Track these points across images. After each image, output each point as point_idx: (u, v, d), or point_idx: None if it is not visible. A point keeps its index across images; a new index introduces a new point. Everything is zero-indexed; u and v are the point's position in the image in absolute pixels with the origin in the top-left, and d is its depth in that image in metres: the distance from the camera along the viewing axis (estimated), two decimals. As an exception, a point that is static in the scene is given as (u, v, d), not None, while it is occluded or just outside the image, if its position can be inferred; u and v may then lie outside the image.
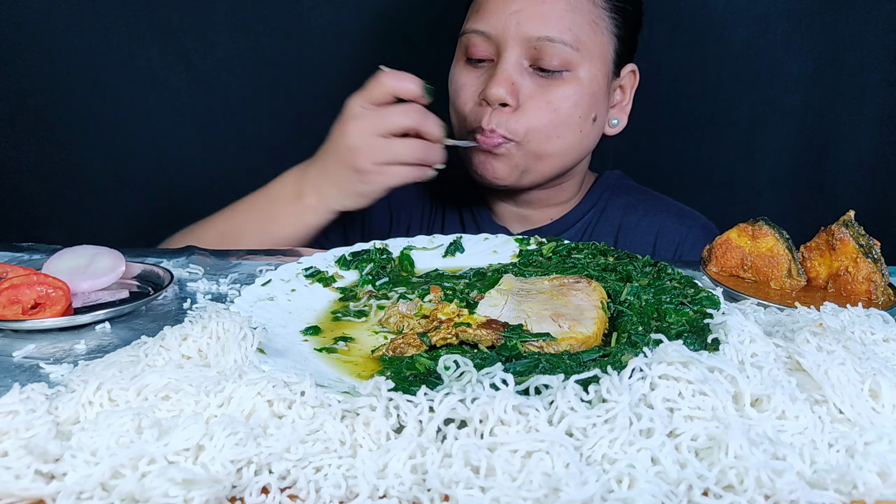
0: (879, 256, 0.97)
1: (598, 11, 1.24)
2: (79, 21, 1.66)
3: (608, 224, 1.38)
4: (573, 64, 1.22)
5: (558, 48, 1.20)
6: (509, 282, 0.93)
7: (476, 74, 1.26)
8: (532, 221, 1.39)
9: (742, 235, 1.02)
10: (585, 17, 1.22)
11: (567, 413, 0.60)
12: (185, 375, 0.66)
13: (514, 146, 1.24)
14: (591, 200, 1.40)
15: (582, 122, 1.26)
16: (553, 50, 1.20)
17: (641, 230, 1.37)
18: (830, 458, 0.60)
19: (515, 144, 1.23)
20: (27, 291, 0.90)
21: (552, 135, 1.24)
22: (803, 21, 1.66)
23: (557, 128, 1.24)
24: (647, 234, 1.37)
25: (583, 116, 1.25)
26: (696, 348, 0.75)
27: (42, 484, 0.56)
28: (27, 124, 1.72)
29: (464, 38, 1.27)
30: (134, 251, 1.12)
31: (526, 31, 1.20)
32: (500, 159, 1.25)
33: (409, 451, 0.58)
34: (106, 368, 0.70)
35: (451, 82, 1.31)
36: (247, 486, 0.57)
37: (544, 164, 1.27)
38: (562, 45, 1.20)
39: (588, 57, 1.23)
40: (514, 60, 1.21)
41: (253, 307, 0.89)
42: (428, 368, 0.74)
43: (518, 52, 1.21)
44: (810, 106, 1.71)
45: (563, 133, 1.25)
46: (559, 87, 1.22)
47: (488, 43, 1.24)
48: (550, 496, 0.53)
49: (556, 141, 1.25)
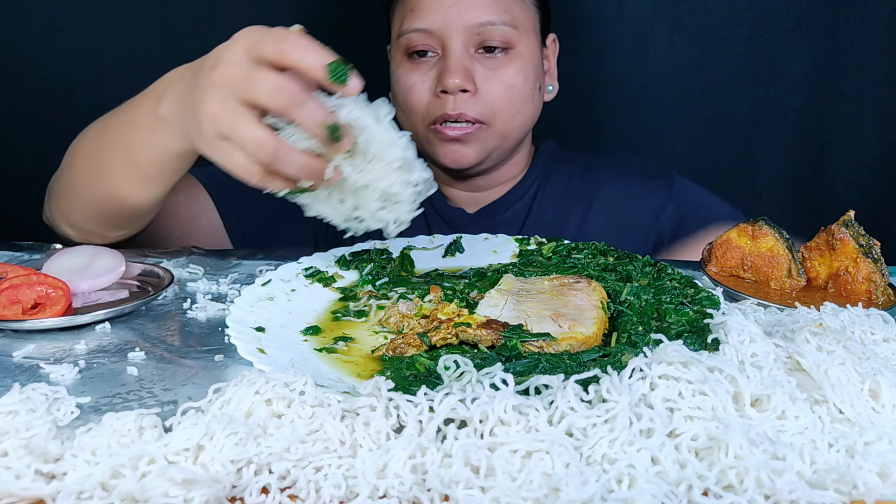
0: (879, 256, 0.97)
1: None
2: (79, 21, 1.66)
3: (554, 189, 1.42)
4: (514, 41, 1.27)
5: (500, 29, 1.26)
6: (509, 282, 0.93)
7: (422, 71, 1.28)
8: (485, 200, 1.42)
9: (742, 235, 1.02)
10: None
11: (567, 413, 0.60)
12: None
13: (484, 128, 1.27)
14: (535, 171, 1.43)
15: (532, 94, 1.32)
16: (495, 32, 1.25)
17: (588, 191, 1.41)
18: (830, 458, 0.60)
19: (485, 127, 1.27)
20: (27, 291, 0.90)
21: (513, 111, 1.29)
22: (803, 21, 1.67)
23: (517, 103, 1.29)
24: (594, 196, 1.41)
25: (532, 88, 1.32)
26: (696, 348, 0.75)
27: (42, 484, 0.56)
28: (27, 124, 1.72)
29: (402, 38, 1.29)
30: (134, 251, 1.12)
31: (467, 20, 1.25)
32: (469, 144, 1.28)
33: (409, 451, 0.58)
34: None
35: (396, 84, 1.32)
36: (247, 486, 0.57)
37: (508, 140, 1.32)
38: (502, 26, 1.26)
39: (524, 32, 1.29)
40: (461, 49, 1.25)
41: (253, 307, 0.89)
42: (428, 368, 0.74)
43: (462, 40, 1.25)
44: (810, 106, 1.72)
45: (522, 107, 1.31)
46: (507, 65, 1.28)
47: (431, 38, 1.27)
48: (550, 496, 0.53)
49: (517, 116, 1.31)
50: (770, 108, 1.73)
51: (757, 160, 1.77)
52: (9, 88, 1.69)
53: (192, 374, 0.78)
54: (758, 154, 1.77)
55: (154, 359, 0.82)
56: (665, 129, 1.76)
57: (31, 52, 1.67)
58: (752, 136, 1.75)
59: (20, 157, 1.74)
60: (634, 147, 1.74)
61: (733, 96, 1.72)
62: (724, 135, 1.76)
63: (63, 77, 1.68)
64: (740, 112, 1.73)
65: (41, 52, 1.67)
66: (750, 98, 1.72)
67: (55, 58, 1.67)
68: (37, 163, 1.75)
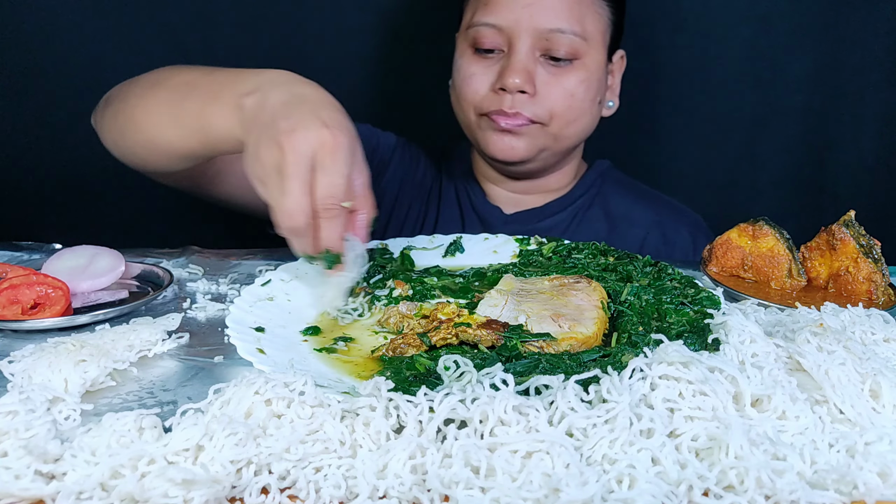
0: (880, 256, 0.97)
1: (598, 2, 1.29)
2: (79, 21, 1.65)
3: (600, 210, 1.41)
4: (580, 52, 1.26)
5: (568, 38, 1.24)
6: (509, 282, 0.93)
7: (486, 64, 1.28)
8: (525, 204, 1.41)
9: (743, 235, 1.02)
10: (589, 8, 1.28)
11: (567, 413, 0.60)
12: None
13: (538, 127, 1.27)
14: (583, 186, 1.42)
15: (591, 106, 1.32)
16: (563, 40, 1.24)
17: (632, 222, 1.40)
18: (831, 459, 0.60)
19: (540, 126, 1.27)
20: (27, 291, 0.90)
21: (571, 119, 1.29)
22: (804, 21, 1.66)
23: (575, 112, 1.29)
24: (637, 226, 1.40)
25: (592, 100, 1.31)
26: (696, 348, 0.75)
27: (42, 484, 0.56)
28: (27, 124, 1.72)
29: (471, 31, 1.29)
30: (134, 251, 1.12)
31: (538, 24, 1.24)
32: (521, 138, 1.28)
33: (409, 452, 0.58)
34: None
35: (457, 72, 1.32)
36: (246, 486, 0.57)
37: (560, 144, 1.31)
38: (571, 36, 1.25)
39: (593, 45, 1.28)
40: (526, 50, 1.24)
41: (252, 307, 0.89)
42: (428, 368, 0.74)
43: (530, 42, 1.24)
44: (811, 106, 1.71)
45: (580, 117, 1.30)
46: (570, 73, 1.27)
47: (499, 35, 1.26)
48: (550, 496, 0.53)
49: (574, 125, 1.30)
50: (771, 108, 1.72)
51: (758, 160, 1.77)
52: (9, 88, 1.69)
53: (192, 374, 0.78)
54: (759, 154, 1.77)
55: (154, 359, 0.82)
56: (665, 129, 1.76)
57: (31, 52, 1.67)
58: (752, 136, 1.75)
59: (20, 157, 1.74)
60: (634, 147, 1.74)
61: (734, 96, 1.72)
62: (725, 135, 1.76)
63: (63, 77, 1.68)
64: (741, 112, 1.73)
65: (41, 52, 1.67)
66: (751, 98, 1.72)
67: (55, 58, 1.67)
68: (37, 163, 1.75)
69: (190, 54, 1.69)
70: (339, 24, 1.70)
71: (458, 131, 1.39)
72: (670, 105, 1.74)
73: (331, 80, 1.81)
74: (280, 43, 1.70)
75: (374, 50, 1.72)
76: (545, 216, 1.38)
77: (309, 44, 1.70)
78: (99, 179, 1.74)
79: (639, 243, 1.38)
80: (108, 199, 1.77)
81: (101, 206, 1.78)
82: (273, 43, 1.70)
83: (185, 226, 1.77)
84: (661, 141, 1.77)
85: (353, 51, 1.71)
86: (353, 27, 1.70)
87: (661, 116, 1.75)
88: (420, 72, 1.71)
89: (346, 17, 1.70)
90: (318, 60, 1.72)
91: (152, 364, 0.80)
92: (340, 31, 1.70)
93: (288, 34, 1.70)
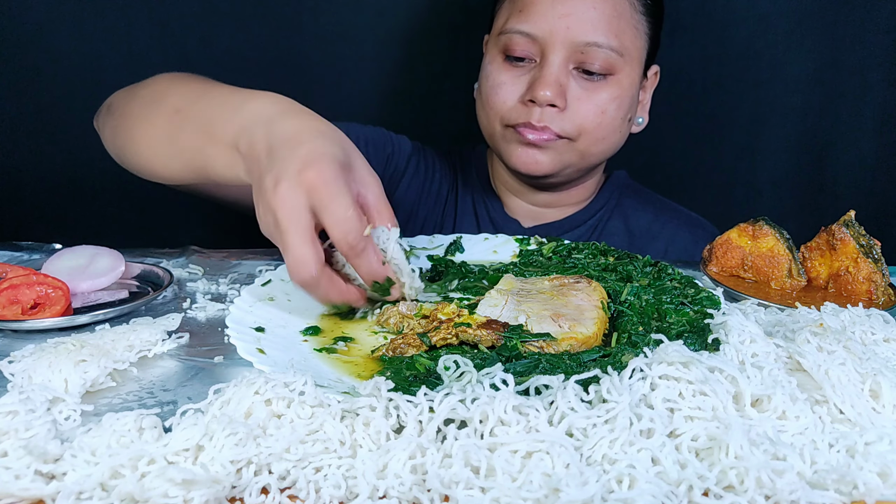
0: (880, 256, 0.97)
1: (638, 16, 1.25)
2: (79, 21, 1.66)
3: (618, 223, 1.39)
4: (616, 68, 1.22)
5: (604, 53, 1.20)
6: (509, 282, 0.93)
7: (516, 74, 1.24)
8: (544, 217, 1.40)
9: (742, 235, 1.02)
10: (628, 22, 1.23)
11: (567, 413, 0.60)
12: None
13: (565, 143, 1.24)
14: (602, 199, 1.40)
15: (622, 124, 1.28)
16: (599, 54, 1.20)
17: (652, 235, 1.38)
18: (831, 459, 0.60)
19: (567, 141, 1.24)
20: (27, 291, 0.90)
21: (599, 137, 1.25)
22: (804, 21, 1.67)
23: (604, 129, 1.25)
24: (658, 239, 1.38)
25: (623, 118, 1.27)
26: (696, 348, 0.75)
27: (42, 484, 0.56)
28: (27, 124, 1.72)
29: (503, 37, 1.24)
30: (134, 251, 1.12)
31: (574, 36, 1.19)
32: (546, 152, 1.24)
33: (409, 452, 0.58)
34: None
35: (485, 78, 1.28)
36: (246, 486, 0.57)
37: (586, 160, 1.28)
38: (608, 51, 1.20)
39: (629, 61, 1.24)
40: (560, 62, 1.20)
41: (253, 307, 0.89)
42: (428, 368, 0.74)
43: (564, 54, 1.20)
44: (811, 106, 1.72)
45: (609, 135, 1.27)
46: (604, 89, 1.23)
47: (532, 44, 1.22)
48: (550, 496, 0.53)
49: (602, 143, 1.27)
50: (770, 108, 1.73)
51: (757, 160, 1.77)
52: (9, 88, 1.69)
53: (192, 374, 0.78)
54: (758, 154, 1.77)
55: (154, 359, 0.82)
56: (665, 129, 1.76)
57: (31, 52, 1.67)
58: (752, 136, 1.75)
59: (20, 157, 1.74)
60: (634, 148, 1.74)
61: (733, 96, 1.72)
62: (725, 135, 1.76)
63: (63, 77, 1.68)
64: (740, 112, 1.73)
65: (41, 52, 1.67)
66: (750, 98, 1.72)
67: (55, 58, 1.67)
68: (37, 163, 1.75)
69: (189, 54, 1.69)
70: (339, 23, 1.70)
71: (462, 132, 1.38)
72: (669, 105, 1.74)
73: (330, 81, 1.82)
74: (279, 43, 1.70)
75: (374, 49, 1.72)
76: (564, 230, 1.36)
77: (309, 44, 1.71)
78: (99, 179, 1.75)
79: (660, 257, 1.37)
80: (108, 199, 1.77)
81: (101, 206, 1.78)
82: (272, 43, 1.70)
83: (185, 226, 1.77)
84: (661, 141, 1.77)
85: (354, 50, 1.72)
86: (352, 27, 1.70)
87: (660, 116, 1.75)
88: (418, 73, 1.71)
89: (345, 16, 1.70)
90: (317, 61, 1.72)
91: (152, 364, 0.80)
92: (340, 31, 1.70)
93: (288, 34, 1.70)
